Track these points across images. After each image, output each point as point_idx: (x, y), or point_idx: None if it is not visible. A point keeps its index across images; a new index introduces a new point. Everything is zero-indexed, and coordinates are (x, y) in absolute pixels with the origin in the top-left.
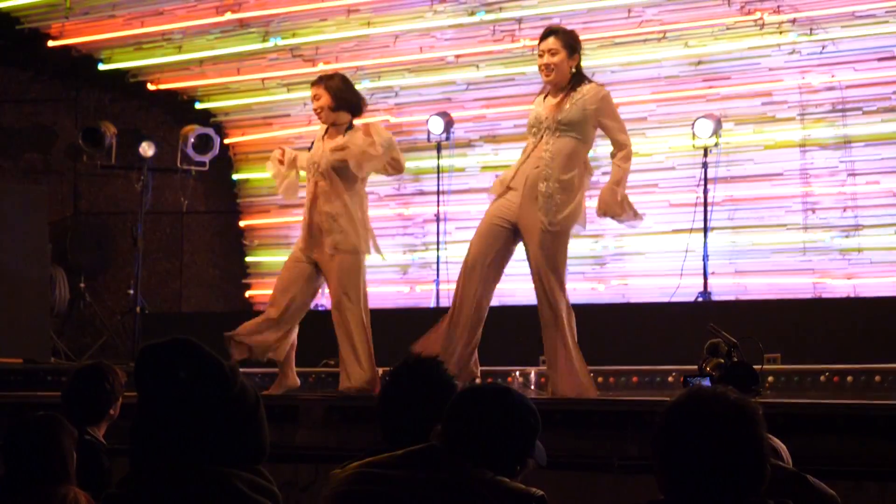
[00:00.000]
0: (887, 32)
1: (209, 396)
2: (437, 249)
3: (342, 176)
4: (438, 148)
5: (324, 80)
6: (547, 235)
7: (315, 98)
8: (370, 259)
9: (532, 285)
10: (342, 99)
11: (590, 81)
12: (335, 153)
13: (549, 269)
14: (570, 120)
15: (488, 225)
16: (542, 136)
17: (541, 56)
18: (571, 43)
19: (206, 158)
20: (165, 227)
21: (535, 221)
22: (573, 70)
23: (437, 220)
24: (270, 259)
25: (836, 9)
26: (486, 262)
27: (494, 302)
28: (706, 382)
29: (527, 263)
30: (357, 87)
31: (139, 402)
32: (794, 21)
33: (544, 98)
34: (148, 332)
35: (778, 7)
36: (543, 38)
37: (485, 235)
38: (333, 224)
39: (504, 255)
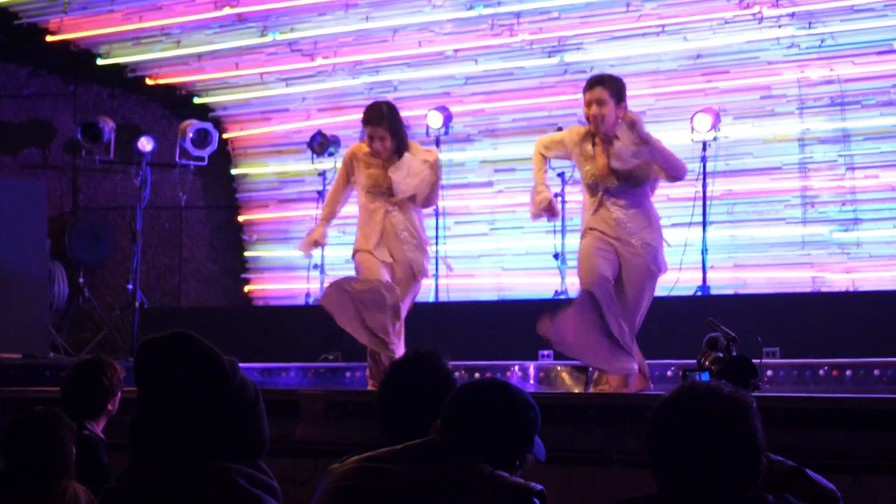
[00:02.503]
0: (886, 26)
1: (209, 391)
2: (437, 244)
3: (410, 198)
4: (437, 142)
5: (384, 121)
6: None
7: (380, 139)
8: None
9: (533, 280)
10: (402, 141)
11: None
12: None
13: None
14: (627, 172)
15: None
16: (600, 195)
17: (588, 106)
18: (619, 90)
19: (205, 153)
20: (164, 221)
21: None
22: (620, 119)
23: (436, 214)
24: (270, 254)
25: (835, 2)
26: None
27: (493, 296)
28: (705, 377)
29: (528, 258)
30: (356, 81)
31: (139, 396)
32: (792, 15)
33: (591, 146)
34: (147, 326)
35: (776, 1)
36: (589, 87)
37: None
38: (409, 240)
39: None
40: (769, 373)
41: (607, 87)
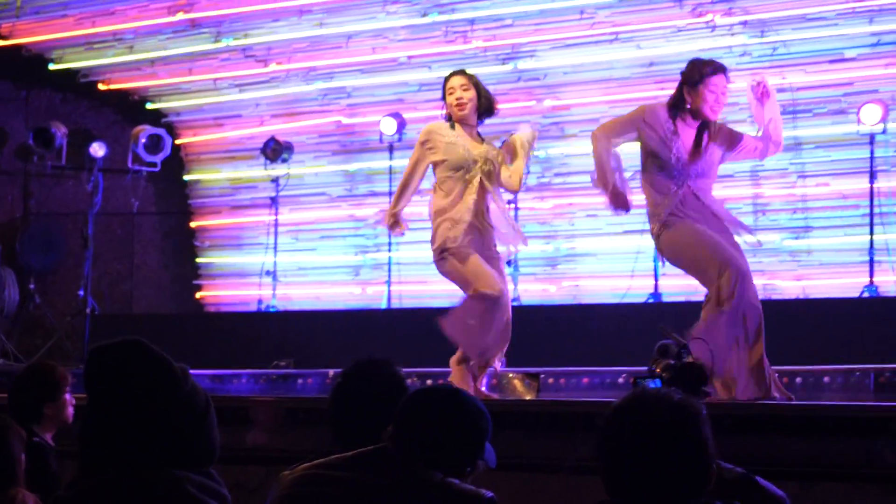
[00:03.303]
0: (838, 34)
1: (159, 398)
2: (389, 251)
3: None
4: (391, 149)
5: (470, 77)
6: None
7: (463, 88)
8: (320, 260)
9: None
10: (487, 100)
11: None
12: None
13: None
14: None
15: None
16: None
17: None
18: None
19: (158, 159)
20: (116, 228)
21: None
22: None
23: None
24: (222, 260)
25: (787, 11)
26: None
27: (446, 303)
28: (656, 384)
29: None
30: (310, 87)
31: (89, 403)
32: (745, 23)
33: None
34: (98, 333)
35: (729, 9)
36: (722, 71)
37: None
38: (500, 222)
39: None
40: None
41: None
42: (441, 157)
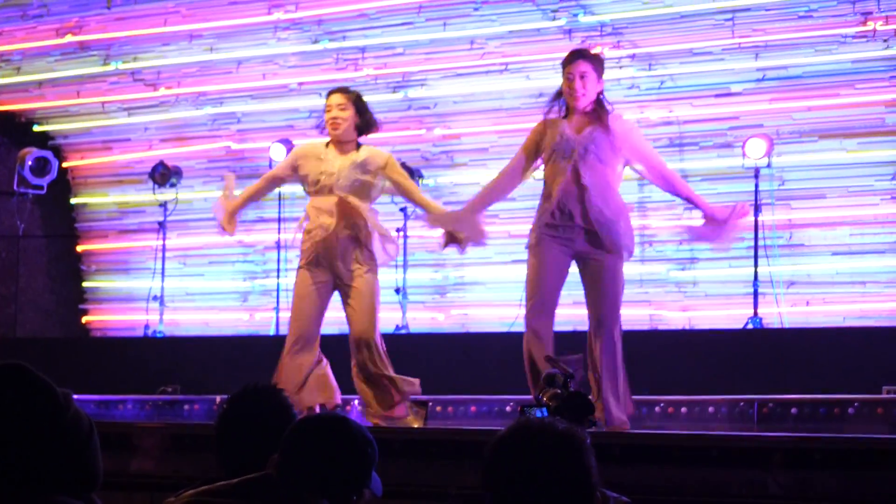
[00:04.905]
0: (724, 69)
1: (41, 423)
2: (278, 277)
3: (362, 193)
4: None
5: (349, 94)
6: None
7: (339, 107)
8: (209, 286)
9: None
10: (365, 121)
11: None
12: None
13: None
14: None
15: None
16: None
17: (570, 80)
18: (600, 65)
19: (44, 182)
20: (1, 250)
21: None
22: (600, 95)
23: (278, 247)
24: (108, 285)
25: (675, 45)
26: None
27: (334, 330)
28: (542, 413)
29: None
30: (199, 112)
31: None
32: (633, 56)
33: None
34: None
35: (618, 42)
36: (571, 60)
37: None
38: (356, 242)
39: None
40: None
41: (589, 59)
42: (304, 173)
